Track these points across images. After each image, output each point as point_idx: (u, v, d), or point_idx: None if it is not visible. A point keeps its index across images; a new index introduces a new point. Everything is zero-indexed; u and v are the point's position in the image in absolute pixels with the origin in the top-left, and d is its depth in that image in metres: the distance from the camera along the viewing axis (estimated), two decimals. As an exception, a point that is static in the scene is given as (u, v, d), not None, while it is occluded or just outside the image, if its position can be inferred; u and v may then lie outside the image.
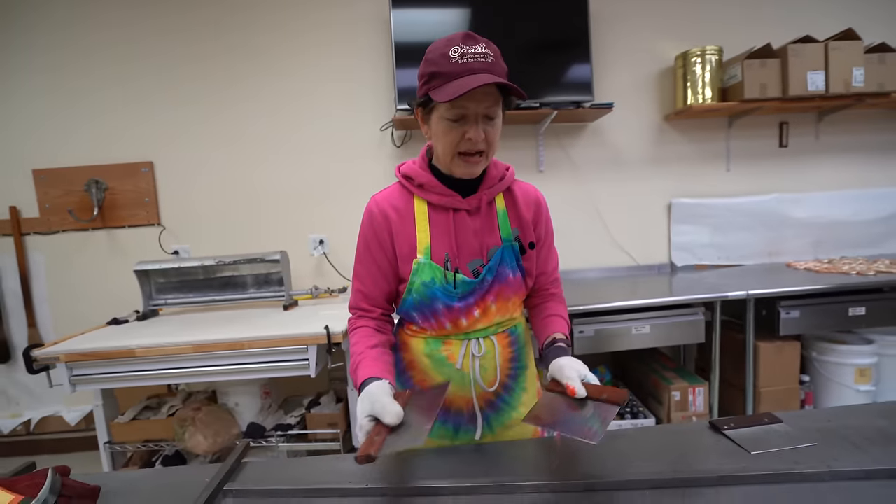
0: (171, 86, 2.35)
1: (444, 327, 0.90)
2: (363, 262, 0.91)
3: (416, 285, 0.87)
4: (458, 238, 0.88)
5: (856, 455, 0.75)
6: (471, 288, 0.88)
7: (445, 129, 0.80)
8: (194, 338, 1.66)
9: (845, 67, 2.29)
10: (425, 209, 0.89)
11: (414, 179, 0.90)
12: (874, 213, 2.68)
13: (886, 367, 2.15)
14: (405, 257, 0.88)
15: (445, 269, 0.87)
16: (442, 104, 0.78)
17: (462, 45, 0.76)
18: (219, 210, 2.41)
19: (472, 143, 0.80)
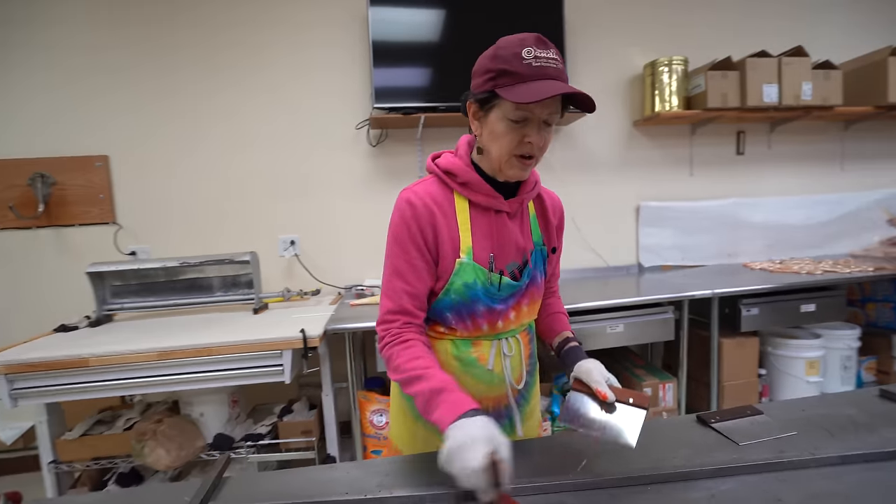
0: (131, 75, 2.20)
1: (481, 328, 0.88)
2: (406, 257, 0.82)
3: (455, 286, 0.84)
4: (499, 240, 0.87)
5: (832, 442, 0.79)
6: (513, 290, 0.87)
7: (506, 129, 0.77)
8: (157, 344, 1.56)
9: (796, 82, 2.46)
10: (466, 208, 0.86)
11: (458, 176, 0.85)
12: (818, 217, 2.89)
13: (831, 359, 2.31)
14: (447, 256, 0.84)
15: (490, 270, 0.85)
16: (506, 104, 0.75)
17: (535, 48, 0.73)
18: (182, 209, 2.28)
19: (530, 147, 0.78)
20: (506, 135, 0.77)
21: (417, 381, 0.74)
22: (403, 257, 0.83)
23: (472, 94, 0.81)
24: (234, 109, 2.29)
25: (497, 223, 0.86)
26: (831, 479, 0.69)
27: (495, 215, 0.86)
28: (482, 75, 0.77)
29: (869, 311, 2.57)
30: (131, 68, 2.20)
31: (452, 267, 0.84)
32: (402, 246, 0.83)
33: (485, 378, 0.89)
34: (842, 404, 0.94)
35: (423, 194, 0.84)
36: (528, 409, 0.97)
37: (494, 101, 0.76)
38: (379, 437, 1.87)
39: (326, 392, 1.75)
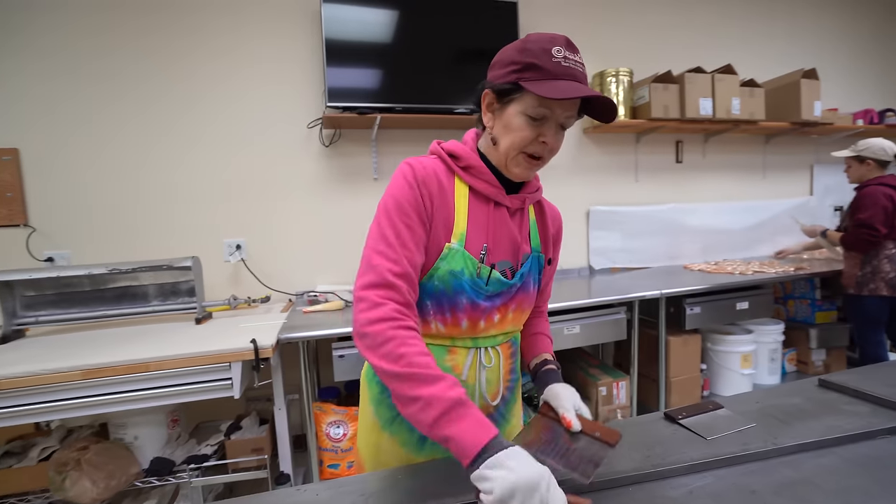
0: (48, 55, 1.96)
1: (460, 325, 0.81)
2: (408, 221, 0.74)
3: (441, 271, 0.77)
4: (495, 233, 0.82)
5: (786, 430, 0.84)
6: (501, 289, 0.82)
7: (522, 124, 0.74)
8: (80, 361, 1.38)
9: (727, 97, 2.67)
10: (466, 193, 0.81)
11: (462, 159, 0.81)
12: (745, 222, 3.15)
13: (761, 352, 2.52)
14: (438, 235, 0.77)
15: (481, 262, 0.79)
16: (528, 99, 0.72)
17: (565, 49, 0.72)
18: (110, 211, 2.06)
19: (543, 147, 0.75)
20: (521, 130, 0.74)
21: (432, 383, 0.62)
22: (405, 221, 0.74)
23: (492, 83, 0.76)
24: (174, 104, 2.10)
25: (495, 216, 0.82)
26: (793, 467, 0.72)
27: (495, 208, 0.82)
28: (506, 66, 0.74)
29: (790, 307, 2.84)
30: (55, 55, 1.96)
31: (441, 250, 0.78)
32: (403, 210, 0.74)
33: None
34: (788, 395, 1.01)
35: (428, 166, 0.79)
36: (506, 431, 0.92)
37: (516, 94, 0.73)
38: (336, 450, 1.79)
39: (279, 405, 1.64)
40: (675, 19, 2.92)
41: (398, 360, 0.64)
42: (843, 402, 0.94)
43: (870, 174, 2.29)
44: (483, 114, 0.80)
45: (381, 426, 0.88)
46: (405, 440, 0.86)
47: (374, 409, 0.89)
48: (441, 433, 0.60)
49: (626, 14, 2.80)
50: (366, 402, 0.92)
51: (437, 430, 0.61)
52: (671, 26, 2.91)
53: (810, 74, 2.84)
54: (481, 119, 0.82)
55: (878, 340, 2.25)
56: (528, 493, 0.54)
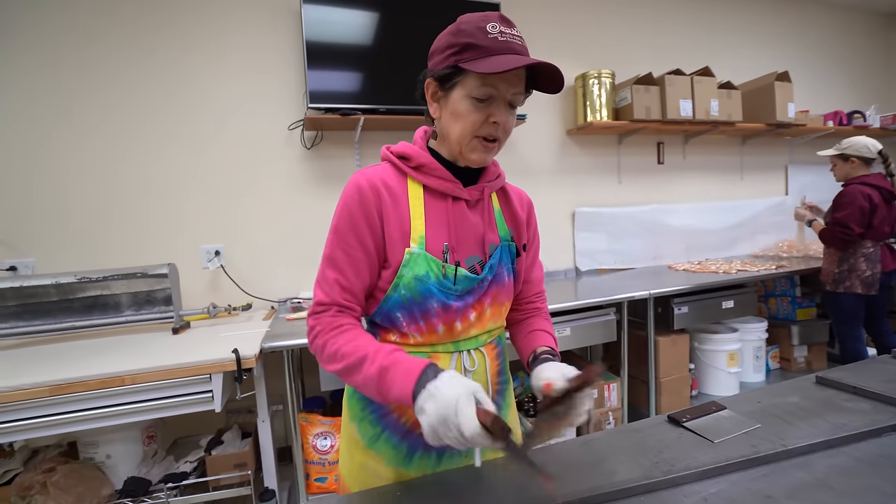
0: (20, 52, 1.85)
1: (436, 330, 0.77)
2: (345, 247, 0.74)
3: (405, 279, 0.74)
4: (457, 229, 0.78)
5: (792, 430, 0.82)
6: (471, 286, 0.78)
7: (469, 108, 0.71)
8: (47, 376, 1.29)
9: (705, 98, 2.71)
10: (420, 193, 0.78)
11: (412, 159, 0.78)
12: (725, 222, 3.21)
13: (746, 350, 2.55)
14: (395, 243, 0.75)
15: (444, 261, 0.76)
16: (471, 81, 0.70)
17: (500, 24, 0.69)
18: (78, 217, 1.95)
19: (495, 128, 0.73)
20: (469, 114, 0.72)
21: (361, 365, 0.67)
22: (341, 247, 0.75)
23: (432, 71, 0.74)
24: (147, 105, 2.01)
25: (454, 211, 0.79)
26: (804, 469, 0.71)
27: (453, 203, 0.79)
28: (443, 52, 0.72)
29: (771, 305, 2.89)
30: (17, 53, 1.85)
31: (401, 258, 0.75)
32: (341, 235, 0.75)
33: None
34: (787, 393, 1.00)
35: (374, 176, 0.76)
36: None
37: (457, 77, 0.71)
38: (324, 462, 1.72)
39: (263, 418, 1.57)
40: (655, 22, 2.96)
41: (334, 358, 0.70)
42: (843, 400, 0.94)
43: (854, 172, 2.34)
44: (429, 105, 0.78)
45: (364, 445, 0.83)
46: (391, 457, 0.81)
47: (357, 427, 0.84)
48: (389, 401, 0.65)
49: (607, 16, 2.82)
50: (347, 420, 0.88)
51: (386, 400, 0.66)
52: (651, 29, 2.95)
53: (783, 77, 2.92)
54: (429, 114, 0.80)
55: (856, 335, 2.31)
56: (444, 426, 0.57)
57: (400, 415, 0.81)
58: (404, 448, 0.81)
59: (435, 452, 0.82)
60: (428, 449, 0.81)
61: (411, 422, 0.80)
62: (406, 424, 0.80)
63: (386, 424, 0.81)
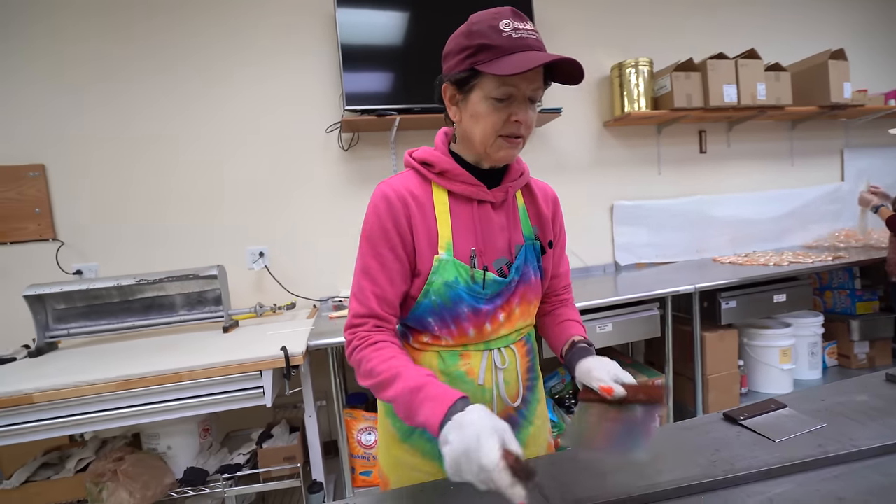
0: (71, 70, 1.98)
1: (467, 334, 0.79)
2: (378, 257, 0.75)
3: (435, 285, 0.76)
4: (483, 233, 0.79)
5: (863, 430, 0.78)
6: (500, 288, 0.79)
7: (489, 109, 0.71)
8: (114, 373, 1.38)
9: (751, 82, 2.58)
10: (445, 199, 0.78)
11: (435, 165, 0.79)
12: (774, 212, 3.04)
13: (800, 346, 2.42)
14: (424, 251, 0.76)
15: (472, 266, 0.77)
16: (489, 82, 0.69)
17: (513, 20, 0.68)
18: (134, 222, 2.07)
19: (517, 126, 0.72)
20: (490, 115, 0.71)
21: (393, 383, 0.67)
22: (374, 257, 0.76)
23: (448, 76, 0.74)
24: (193, 116, 2.11)
25: (480, 215, 0.79)
26: (880, 471, 0.67)
27: (478, 206, 0.79)
28: (457, 55, 0.71)
29: (827, 298, 2.73)
30: (75, 64, 1.98)
31: (430, 265, 0.76)
32: (373, 244, 0.76)
33: (475, 395, 0.79)
34: (854, 391, 0.94)
35: (399, 186, 0.77)
36: (530, 433, 0.87)
37: (474, 80, 0.71)
38: (368, 457, 1.76)
39: (310, 413, 1.62)
40: (694, 5, 2.84)
41: (369, 375, 0.71)
42: (918, 398, 0.88)
43: None
44: (447, 109, 0.78)
45: (399, 438, 0.85)
46: (426, 450, 0.82)
47: (392, 421, 0.86)
48: (416, 423, 0.64)
49: (642, 2, 2.73)
50: (382, 415, 0.90)
51: (412, 421, 0.65)
52: (689, 12, 2.83)
53: (838, 55, 2.73)
54: (447, 118, 0.80)
55: (926, 330, 2.14)
56: (466, 461, 0.54)
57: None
58: (437, 442, 0.81)
59: None
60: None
61: None
62: None
63: None
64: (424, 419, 0.62)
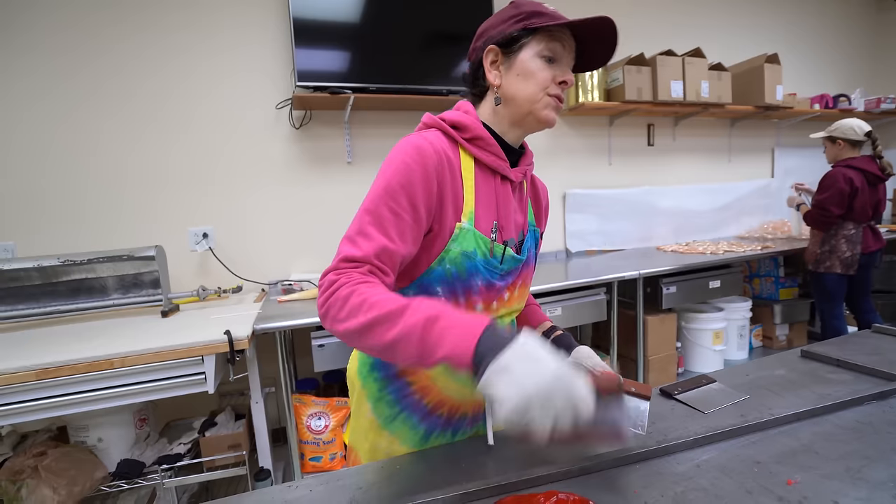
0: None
1: (474, 308, 0.76)
2: (394, 206, 0.65)
3: (452, 254, 0.71)
4: (503, 209, 0.77)
5: (779, 401, 0.85)
6: (514, 266, 0.79)
7: (541, 66, 0.72)
8: (33, 360, 1.26)
9: (696, 80, 2.71)
10: (472, 167, 0.75)
11: (467, 130, 0.74)
12: (713, 204, 3.25)
13: (731, 329, 2.61)
14: (447, 217, 0.71)
15: (492, 240, 0.75)
16: (538, 41, 0.72)
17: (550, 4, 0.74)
18: (59, 199, 1.89)
19: (562, 89, 0.74)
20: (541, 71, 0.73)
21: (401, 315, 0.55)
22: (389, 205, 0.65)
23: (493, 37, 0.75)
24: (129, 85, 1.94)
25: (501, 191, 0.77)
26: (791, 436, 0.73)
27: (500, 182, 0.77)
28: (504, 22, 0.74)
29: (755, 285, 2.96)
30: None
31: (451, 232, 0.71)
32: (393, 194, 0.66)
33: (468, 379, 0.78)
34: (774, 367, 1.03)
35: (435, 142, 0.71)
36: None
37: (525, 38, 0.73)
38: (318, 442, 1.73)
39: (256, 399, 1.57)
40: (647, 3, 2.93)
41: (358, 310, 0.57)
42: (827, 372, 0.97)
43: (842, 154, 2.37)
44: (487, 74, 0.76)
45: (380, 425, 0.82)
46: (407, 437, 0.81)
47: (373, 407, 0.83)
48: (434, 359, 0.53)
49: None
50: (362, 400, 0.85)
51: (429, 359, 0.54)
52: (643, 9, 2.92)
53: (773, 59, 2.93)
54: (474, 91, 0.79)
55: (836, 314, 2.38)
56: (546, 400, 0.48)
57: (422, 396, 0.80)
58: (422, 429, 0.81)
59: (451, 432, 0.83)
60: (444, 430, 0.82)
61: (433, 403, 0.80)
62: (428, 406, 0.80)
63: (406, 405, 0.80)
64: (448, 353, 0.52)
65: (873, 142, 2.33)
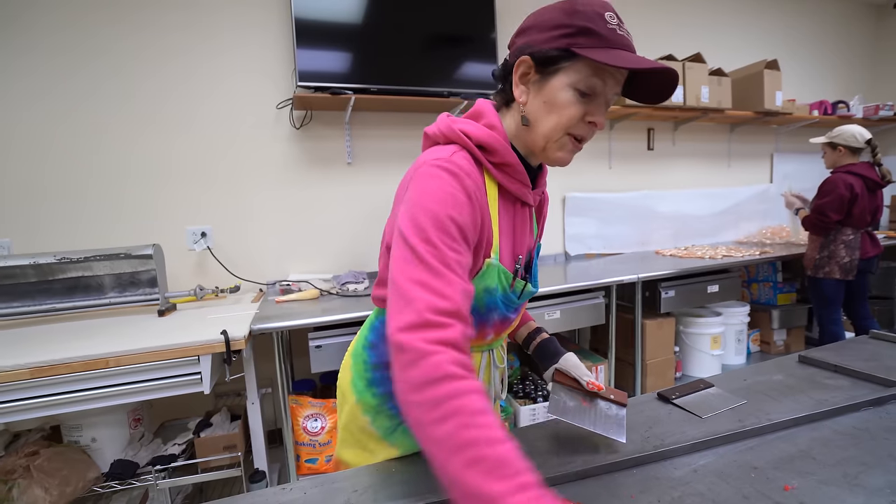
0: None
1: (485, 339, 0.76)
2: (455, 248, 0.57)
3: (476, 290, 0.67)
4: (520, 237, 0.73)
5: (777, 406, 0.85)
6: (528, 298, 0.79)
7: (570, 100, 0.62)
8: (27, 358, 1.25)
9: (696, 85, 2.72)
10: (496, 195, 0.68)
11: (497, 154, 0.66)
12: (712, 208, 3.25)
13: (728, 334, 2.61)
14: (481, 252, 0.66)
15: (514, 275, 0.72)
16: (578, 70, 0.61)
17: (616, 15, 0.62)
18: (57, 196, 1.88)
19: (590, 130, 0.65)
20: (569, 107, 0.62)
21: (496, 444, 0.45)
22: (451, 247, 0.56)
23: (534, 49, 0.63)
24: (129, 82, 1.94)
25: (520, 218, 0.72)
26: (789, 441, 0.73)
27: (521, 208, 0.72)
28: (550, 30, 0.62)
29: (753, 290, 2.96)
30: None
31: (479, 267, 0.67)
32: (447, 231, 0.56)
33: None
34: (771, 372, 1.02)
35: (470, 170, 0.62)
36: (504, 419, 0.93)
37: (565, 62, 0.61)
38: (314, 444, 1.72)
39: (252, 400, 1.56)
40: (648, 6, 2.94)
41: (448, 420, 0.47)
42: (825, 377, 0.97)
43: (841, 160, 2.37)
44: (515, 86, 0.66)
45: (380, 436, 0.80)
46: (408, 447, 0.78)
47: (371, 420, 0.79)
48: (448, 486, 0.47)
49: (600, 0, 2.79)
50: (356, 413, 0.81)
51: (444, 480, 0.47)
52: (644, 13, 2.93)
53: (772, 65, 2.93)
54: (501, 97, 0.71)
55: (834, 319, 2.38)
56: None
57: None
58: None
59: None
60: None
61: None
62: None
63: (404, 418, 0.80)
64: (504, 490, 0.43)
65: (873, 149, 2.33)
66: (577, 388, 0.80)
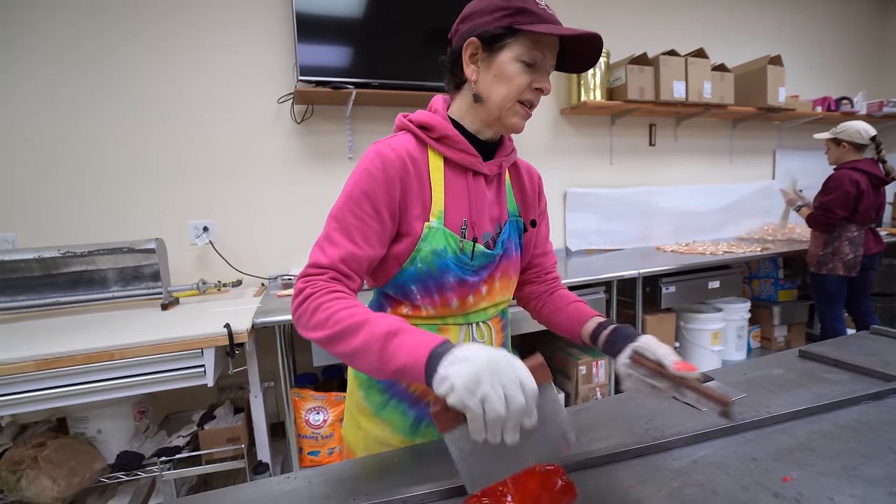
0: None
1: (450, 304, 0.77)
2: (360, 214, 0.70)
3: (423, 253, 0.74)
4: (475, 205, 0.78)
5: (777, 399, 0.85)
6: (487, 261, 0.79)
7: (518, 71, 0.71)
8: (33, 351, 1.27)
9: (699, 80, 2.71)
10: (441, 166, 0.76)
11: (434, 130, 0.76)
12: (713, 205, 3.24)
13: (729, 330, 2.62)
14: (415, 216, 0.74)
15: (462, 237, 0.76)
16: (521, 44, 0.70)
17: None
18: (62, 191, 1.89)
19: (537, 95, 0.74)
20: (517, 76, 0.71)
21: (361, 328, 0.60)
22: (355, 213, 0.70)
23: (478, 29, 0.71)
24: (133, 77, 1.94)
25: (474, 187, 0.78)
26: (788, 434, 0.73)
27: (472, 178, 0.78)
28: (491, 13, 0.70)
29: (754, 286, 2.96)
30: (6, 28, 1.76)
31: (420, 232, 0.74)
32: (357, 201, 0.70)
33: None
34: (771, 366, 1.03)
35: (399, 147, 0.73)
36: None
37: (508, 38, 0.70)
38: (316, 437, 1.74)
39: (255, 393, 1.57)
40: (650, 2, 2.93)
41: (325, 323, 0.63)
42: (824, 372, 0.97)
43: (845, 157, 2.36)
44: (465, 66, 0.74)
45: (371, 412, 0.84)
46: (398, 425, 0.83)
47: (364, 395, 0.85)
48: (391, 370, 0.58)
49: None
50: (353, 388, 0.88)
51: (386, 369, 0.59)
52: (647, 8, 2.92)
53: (775, 61, 2.92)
54: (451, 82, 0.79)
55: (836, 315, 2.38)
56: (494, 374, 0.49)
57: (408, 384, 0.82)
58: (411, 416, 0.82)
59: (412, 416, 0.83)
60: (415, 417, 0.83)
61: (419, 391, 0.82)
62: (414, 393, 0.82)
63: (394, 392, 0.82)
64: (405, 361, 0.56)
65: (878, 146, 2.32)
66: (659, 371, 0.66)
